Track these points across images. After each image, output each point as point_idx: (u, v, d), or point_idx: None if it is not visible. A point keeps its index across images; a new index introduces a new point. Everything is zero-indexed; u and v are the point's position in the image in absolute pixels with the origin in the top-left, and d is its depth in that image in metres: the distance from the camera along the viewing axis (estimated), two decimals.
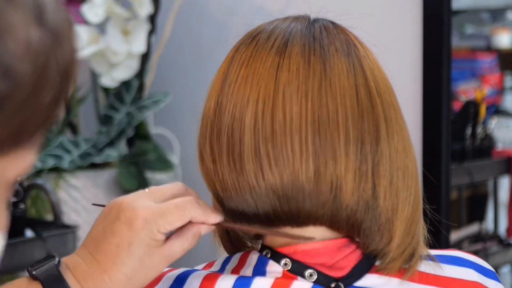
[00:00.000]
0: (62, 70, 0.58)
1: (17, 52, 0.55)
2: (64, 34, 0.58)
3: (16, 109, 0.55)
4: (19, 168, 0.59)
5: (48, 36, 0.56)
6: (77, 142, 2.07)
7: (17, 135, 0.57)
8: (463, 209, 2.88)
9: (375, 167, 0.91)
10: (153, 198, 0.91)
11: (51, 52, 0.57)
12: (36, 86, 0.56)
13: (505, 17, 3.67)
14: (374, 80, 0.93)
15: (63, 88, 0.58)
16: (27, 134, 0.58)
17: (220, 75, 0.96)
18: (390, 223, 0.92)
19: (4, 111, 0.55)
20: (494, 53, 3.37)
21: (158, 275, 0.92)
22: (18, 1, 0.55)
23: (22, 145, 0.58)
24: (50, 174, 2.03)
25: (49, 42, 0.56)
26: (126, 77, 2.07)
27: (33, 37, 0.55)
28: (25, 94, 0.56)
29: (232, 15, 2.14)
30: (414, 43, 1.82)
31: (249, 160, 0.91)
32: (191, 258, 2.02)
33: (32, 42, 0.55)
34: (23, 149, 0.58)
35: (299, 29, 0.95)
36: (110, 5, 2.01)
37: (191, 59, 2.26)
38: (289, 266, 0.93)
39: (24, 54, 0.55)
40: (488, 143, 2.85)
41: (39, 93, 0.56)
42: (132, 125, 2.07)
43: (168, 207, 0.90)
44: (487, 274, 0.99)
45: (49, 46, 0.56)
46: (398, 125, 0.94)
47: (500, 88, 3.30)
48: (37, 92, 0.56)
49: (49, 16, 0.57)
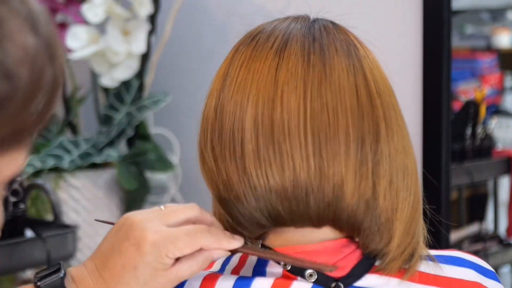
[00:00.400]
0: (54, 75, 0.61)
1: (16, 57, 0.58)
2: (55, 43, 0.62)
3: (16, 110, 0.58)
4: (13, 167, 0.62)
5: (42, 44, 0.60)
6: (77, 142, 2.07)
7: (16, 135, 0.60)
8: (463, 209, 2.88)
9: (375, 167, 0.91)
10: (165, 221, 0.90)
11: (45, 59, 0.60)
12: (33, 90, 0.59)
13: (505, 17, 3.67)
14: (374, 80, 0.93)
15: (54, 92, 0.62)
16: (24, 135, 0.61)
17: (220, 75, 0.96)
18: (390, 223, 0.92)
19: (5, 111, 0.58)
20: (494, 53, 3.37)
21: None
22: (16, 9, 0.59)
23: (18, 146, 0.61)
24: (50, 174, 2.03)
25: (43, 49, 0.60)
26: (126, 77, 2.07)
27: (30, 43, 0.59)
28: (24, 96, 0.59)
29: (232, 15, 2.14)
30: (414, 43, 1.82)
31: (250, 160, 0.91)
32: None
33: (29, 49, 0.59)
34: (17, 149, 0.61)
35: (299, 29, 0.95)
36: (110, 5, 2.01)
37: (191, 59, 2.26)
38: (289, 266, 0.93)
39: (23, 59, 0.58)
40: (488, 143, 2.84)
41: (35, 97, 0.60)
42: (132, 125, 2.07)
43: (179, 233, 0.88)
44: (487, 274, 0.99)
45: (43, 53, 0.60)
46: (398, 125, 0.94)
47: (500, 88, 3.30)
48: (33, 95, 0.60)
49: (41, 25, 0.60)
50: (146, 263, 0.87)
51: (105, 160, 2.04)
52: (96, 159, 2.04)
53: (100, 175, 2.07)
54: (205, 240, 0.89)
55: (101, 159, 2.04)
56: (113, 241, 0.90)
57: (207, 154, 0.94)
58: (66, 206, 2.02)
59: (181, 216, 0.91)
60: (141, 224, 0.89)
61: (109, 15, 2.02)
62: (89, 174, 2.05)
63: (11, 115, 0.59)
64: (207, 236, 0.89)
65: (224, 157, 0.92)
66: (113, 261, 0.89)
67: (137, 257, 0.87)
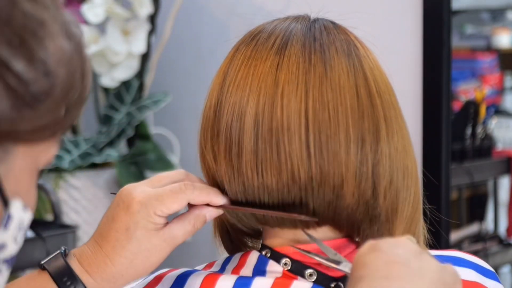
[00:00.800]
0: (82, 76, 0.70)
1: (56, 57, 0.66)
2: (83, 47, 0.71)
3: (53, 105, 0.67)
4: (47, 156, 0.71)
5: (74, 48, 0.69)
6: (77, 142, 2.07)
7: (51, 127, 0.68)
8: (463, 209, 2.88)
9: (375, 167, 0.91)
10: (151, 184, 0.94)
11: (77, 61, 0.69)
12: (68, 88, 0.68)
13: (505, 17, 3.68)
14: (374, 80, 0.93)
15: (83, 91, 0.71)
16: (57, 127, 0.69)
17: (220, 75, 0.96)
18: (390, 223, 0.92)
19: (45, 105, 0.66)
20: (494, 53, 3.37)
21: (162, 258, 0.94)
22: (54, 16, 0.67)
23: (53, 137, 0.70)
24: (50, 174, 2.03)
25: (75, 53, 0.69)
26: (126, 77, 2.07)
27: (66, 47, 0.68)
28: (60, 93, 0.67)
29: (232, 15, 2.14)
30: (414, 43, 1.82)
31: (247, 160, 0.91)
32: (192, 258, 2.03)
33: (65, 51, 0.67)
34: (52, 140, 0.70)
35: (299, 29, 0.95)
36: (110, 5, 2.01)
37: (191, 59, 2.26)
38: (289, 266, 0.93)
39: (60, 60, 0.67)
40: (488, 143, 2.85)
41: (69, 94, 0.68)
42: (132, 125, 2.07)
43: (164, 190, 0.92)
44: (486, 274, 0.99)
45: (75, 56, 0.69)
46: (398, 125, 0.94)
47: (500, 88, 3.30)
48: (68, 93, 0.68)
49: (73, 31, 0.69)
50: (136, 223, 0.92)
51: (105, 160, 2.04)
52: (96, 159, 2.04)
53: (100, 175, 2.07)
54: (191, 193, 0.92)
55: (101, 159, 2.04)
56: (107, 213, 0.95)
57: (207, 154, 0.94)
58: (66, 206, 2.02)
59: (167, 179, 0.95)
60: (129, 189, 0.93)
61: (109, 15, 2.02)
62: (89, 174, 2.05)
63: (49, 109, 0.67)
64: (193, 190, 0.93)
65: (223, 157, 0.92)
66: (107, 228, 0.93)
67: (127, 218, 0.92)
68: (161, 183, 0.94)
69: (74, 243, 1.85)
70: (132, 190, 0.93)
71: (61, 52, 0.67)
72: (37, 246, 1.76)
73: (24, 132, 0.67)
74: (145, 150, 2.10)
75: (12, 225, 0.69)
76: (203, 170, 0.96)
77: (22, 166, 0.69)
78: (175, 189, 0.92)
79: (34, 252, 1.75)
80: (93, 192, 2.05)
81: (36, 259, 1.72)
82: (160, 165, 2.08)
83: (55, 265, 0.92)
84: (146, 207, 0.91)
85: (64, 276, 0.92)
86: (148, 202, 0.91)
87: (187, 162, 2.17)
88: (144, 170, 2.07)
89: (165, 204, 0.92)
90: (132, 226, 0.92)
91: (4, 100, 0.64)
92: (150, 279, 0.98)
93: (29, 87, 0.65)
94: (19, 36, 0.65)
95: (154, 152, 2.09)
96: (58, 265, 0.92)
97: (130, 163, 2.07)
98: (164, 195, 0.92)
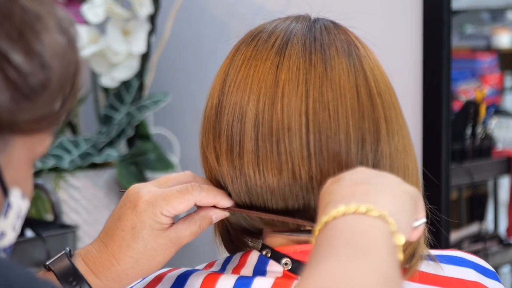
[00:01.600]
0: (75, 70, 0.72)
1: (51, 50, 0.69)
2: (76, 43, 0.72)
3: (49, 98, 0.69)
4: (42, 147, 0.73)
5: (67, 42, 0.71)
6: (77, 142, 2.07)
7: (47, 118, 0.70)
8: (463, 209, 2.88)
9: (375, 167, 0.91)
10: (158, 184, 0.95)
11: (70, 56, 0.71)
12: (63, 81, 0.70)
13: (505, 17, 3.68)
14: (374, 80, 0.93)
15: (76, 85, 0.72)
16: (53, 119, 0.71)
17: (220, 75, 0.96)
18: None
19: (42, 97, 0.68)
20: (494, 53, 3.37)
21: (167, 258, 0.94)
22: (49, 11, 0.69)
23: (48, 128, 0.72)
24: (50, 174, 2.03)
25: (68, 47, 0.71)
26: (126, 77, 2.07)
27: (60, 41, 0.70)
28: (56, 86, 0.69)
29: (232, 15, 2.14)
30: (414, 43, 1.82)
31: (249, 159, 0.91)
32: (192, 258, 2.03)
33: (60, 45, 0.70)
34: (47, 132, 0.72)
35: (300, 29, 0.95)
36: (110, 5, 2.01)
37: (191, 59, 2.26)
38: (290, 265, 0.93)
39: (55, 53, 0.69)
40: (488, 143, 2.85)
41: (64, 87, 0.71)
42: (132, 125, 2.07)
43: (171, 190, 0.93)
44: (487, 274, 0.99)
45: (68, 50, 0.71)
46: (398, 125, 0.94)
47: (500, 88, 3.30)
48: (63, 86, 0.70)
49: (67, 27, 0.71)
50: (143, 222, 0.92)
51: (105, 160, 2.04)
52: (96, 159, 2.04)
53: (100, 175, 2.07)
54: (198, 194, 0.93)
55: (101, 159, 2.04)
56: (114, 212, 0.95)
57: (209, 154, 0.94)
58: (66, 206, 2.02)
59: (174, 180, 0.96)
60: (136, 188, 0.94)
61: (109, 15, 2.02)
62: (89, 174, 2.05)
63: (45, 101, 0.69)
64: (200, 191, 0.93)
65: (225, 157, 0.92)
66: (113, 227, 0.94)
67: (134, 217, 0.92)
68: (168, 184, 0.95)
69: (74, 243, 1.85)
70: (139, 190, 0.93)
71: (56, 46, 0.69)
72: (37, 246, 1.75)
73: (22, 123, 0.69)
74: (145, 150, 2.10)
75: (11, 213, 0.71)
76: (205, 171, 0.96)
77: (20, 156, 0.71)
78: (182, 190, 0.93)
79: (34, 252, 1.75)
80: (93, 192, 2.05)
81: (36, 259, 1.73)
82: (160, 165, 2.08)
83: (60, 266, 0.93)
84: (153, 207, 0.92)
85: (69, 276, 0.93)
86: (155, 202, 0.92)
87: (187, 162, 2.16)
88: (144, 170, 2.07)
89: (172, 205, 0.92)
90: (139, 225, 0.92)
91: (4, 91, 0.66)
92: (151, 279, 0.98)
93: (27, 79, 0.67)
94: (17, 30, 0.67)
95: (154, 152, 2.09)
96: (63, 266, 0.93)
97: (130, 163, 2.07)
98: (171, 196, 0.92)
